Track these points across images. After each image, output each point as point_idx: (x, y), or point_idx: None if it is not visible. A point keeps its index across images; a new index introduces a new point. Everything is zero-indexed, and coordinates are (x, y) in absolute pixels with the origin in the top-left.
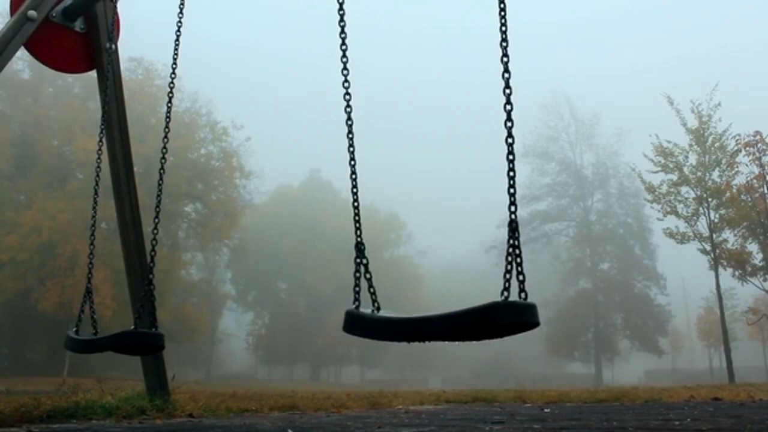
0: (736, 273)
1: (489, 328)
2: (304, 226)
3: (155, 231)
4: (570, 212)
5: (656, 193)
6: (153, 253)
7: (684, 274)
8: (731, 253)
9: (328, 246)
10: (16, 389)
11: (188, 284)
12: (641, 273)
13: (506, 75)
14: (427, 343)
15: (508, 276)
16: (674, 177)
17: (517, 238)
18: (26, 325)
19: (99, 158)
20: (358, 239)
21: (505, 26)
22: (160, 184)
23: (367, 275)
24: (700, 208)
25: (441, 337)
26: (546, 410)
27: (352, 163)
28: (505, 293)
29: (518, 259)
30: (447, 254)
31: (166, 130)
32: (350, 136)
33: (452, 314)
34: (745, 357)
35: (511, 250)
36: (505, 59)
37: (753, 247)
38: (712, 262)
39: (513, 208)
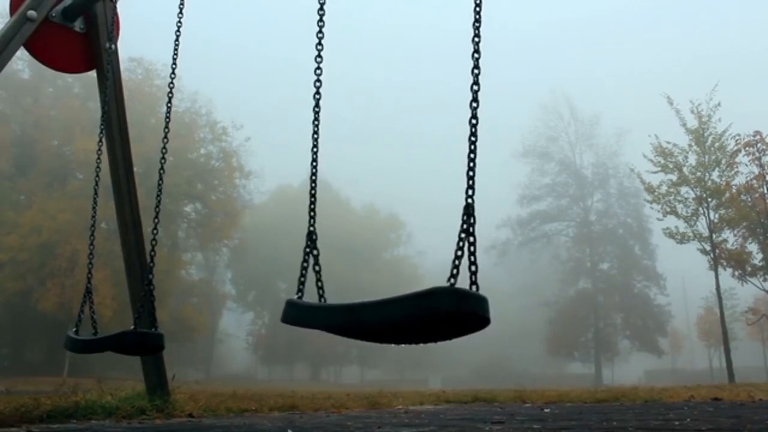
0: (736, 273)
1: (430, 317)
2: (304, 226)
3: (155, 231)
4: (570, 212)
5: (656, 193)
6: (153, 253)
7: (684, 274)
8: (731, 253)
9: (327, 246)
10: (16, 389)
11: (188, 284)
12: (641, 273)
13: (476, 56)
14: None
15: (457, 262)
16: (674, 177)
17: (472, 224)
18: (26, 325)
19: (99, 158)
20: (311, 228)
21: (479, 11)
22: (160, 184)
23: (317, 267)
24: (700, 208)
25: (381, 327)
26: (546, 410)
27: (315, 150)
28: (452, 280)
29: (471, 248)
30: (447, 254)
31: (166, 130)
32: (316, 123)
33: (389, 300)
34: (745, 357)
35: (463, 235)
36: (476, 39)
37: (753, 247)
38: (712, 262)
39: (470, 192)
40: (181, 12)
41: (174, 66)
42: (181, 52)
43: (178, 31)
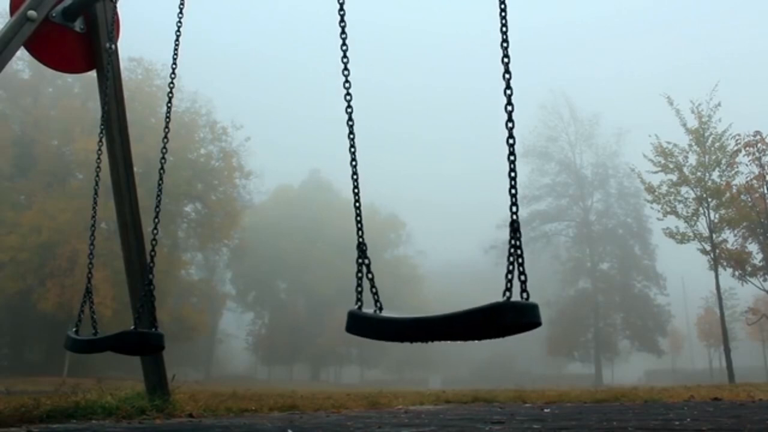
0: (736, 273)
1: (491, 329)
2: (304, 226)
3: (155, 231)
4: (570, 212)
5: (656, 193)
6: (153, 253)
7: (684, 274)
8: (731, 253)
9: (327, 246)
10: (16, 389)
11: (188, 284)
12: (641, 273)
13: (507, 76)
14: (429, 342)
15: (510, 276)
16: (674, 177)
17: (519, 239)
18: (26, 325)
19: (99, 158)
20: (360, 239)
21: (506, 26)
22: (160, 184)
23: (369, 275)
24: (700, 208)
25: (443, 337)
26: (546, 410)
27: (354, 163)
28: (507, 294)
29: (520, 260)
30: (446, 254)
31: (166, 130)
32: (351, 137)
33: (454, 315)
34: (745, 357)
35: (513, 250)
36: (505, 60)
37: (753, 247)
38: (712, 262)
39: (515, 209)
40: (181, 12)
41: (174, 66)
42: (181, 52)
43: (178, 31)
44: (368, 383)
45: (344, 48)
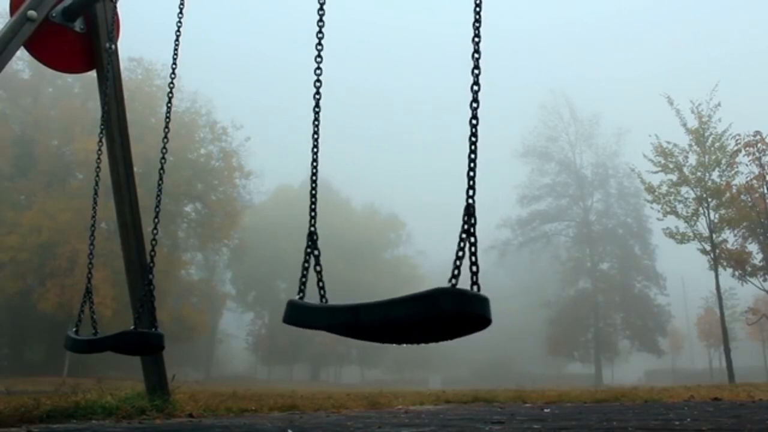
0: (736, 273)
1: (432, 318)
2: (304, 226)
3: (155, 231)
4: (570, 212)
5: (656, 193)
6: (153, 253)
7: (684, 274)
8: (731, 253)
9: (327, 246)
10: (16, 389)
11: (188, 284)
12: (641, 273)
13: (476, 56)
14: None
15: (458, 263)
16: (674, 177)
17: (473, 225)
18: (26, 325)
19: (99, 158)
20: (312, 228)
21: (479, 5)
22: (160, 184)
23: (318, 267)
24: (700, 208)
25: (383, 328)
26: (546, 410)
27: (315, 150)
28: (453, 281)
29: (472, 248)
30: (447, 254)
31: (166, 130)
32: (316, 123)
33: (391, 300)
34: (745, 357)
35: (464, 235)
36: (476, 39)
37: (753, 247)
38: (712, 262)
39: (471, 192)
40: (181, 12)
41: (174, 66)
42: (181, 52)
43: (178, 31)
44: (368, 383)
45: (320, 36)
